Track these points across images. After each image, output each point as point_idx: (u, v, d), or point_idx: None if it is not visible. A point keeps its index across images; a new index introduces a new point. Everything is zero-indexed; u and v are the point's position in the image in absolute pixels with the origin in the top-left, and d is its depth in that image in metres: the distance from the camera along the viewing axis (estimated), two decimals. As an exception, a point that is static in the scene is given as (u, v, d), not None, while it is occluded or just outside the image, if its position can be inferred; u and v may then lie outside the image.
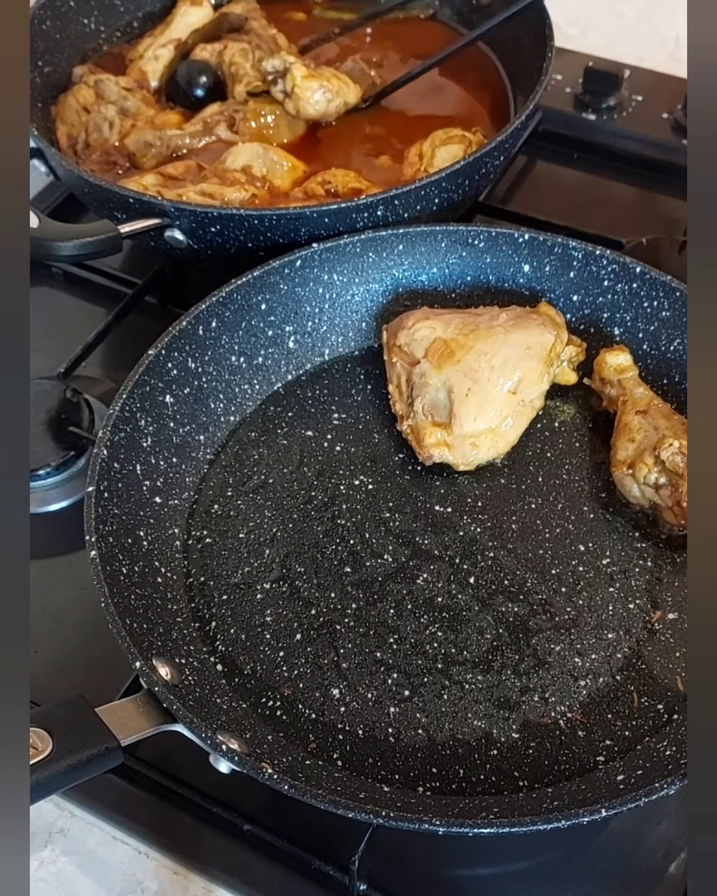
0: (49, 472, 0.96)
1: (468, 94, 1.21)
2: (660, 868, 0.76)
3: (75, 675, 0.86)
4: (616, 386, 0.92)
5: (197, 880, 0.78)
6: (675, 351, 0.93)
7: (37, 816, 0.81)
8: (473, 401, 0.88)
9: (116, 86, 1.17)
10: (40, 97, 1.17)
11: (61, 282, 1.18)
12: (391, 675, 0.79)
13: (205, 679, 0.78)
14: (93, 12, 1.24)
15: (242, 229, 0.95)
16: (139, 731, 0.67)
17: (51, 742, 0.63)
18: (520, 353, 0.89)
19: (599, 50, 1.37)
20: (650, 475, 0.84)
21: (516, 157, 1.26)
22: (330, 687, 0.79)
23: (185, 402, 0.91)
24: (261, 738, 0.75)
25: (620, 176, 1.27)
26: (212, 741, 0.66)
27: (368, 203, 0.95)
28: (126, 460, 0.84)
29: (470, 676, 0.79)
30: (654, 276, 0.92)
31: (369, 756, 0.75)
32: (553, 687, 0.78)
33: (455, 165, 0.97)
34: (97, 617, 0.72)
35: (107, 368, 1.09)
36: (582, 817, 0.63)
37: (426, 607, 0.83)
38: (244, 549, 0.87)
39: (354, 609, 0.83)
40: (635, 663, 0.79)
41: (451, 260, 1.00)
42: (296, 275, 0.96)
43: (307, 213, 0.94)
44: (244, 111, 1.14)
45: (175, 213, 0.95)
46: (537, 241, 0.97)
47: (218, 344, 0.93)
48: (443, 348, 0.91)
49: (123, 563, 0.79)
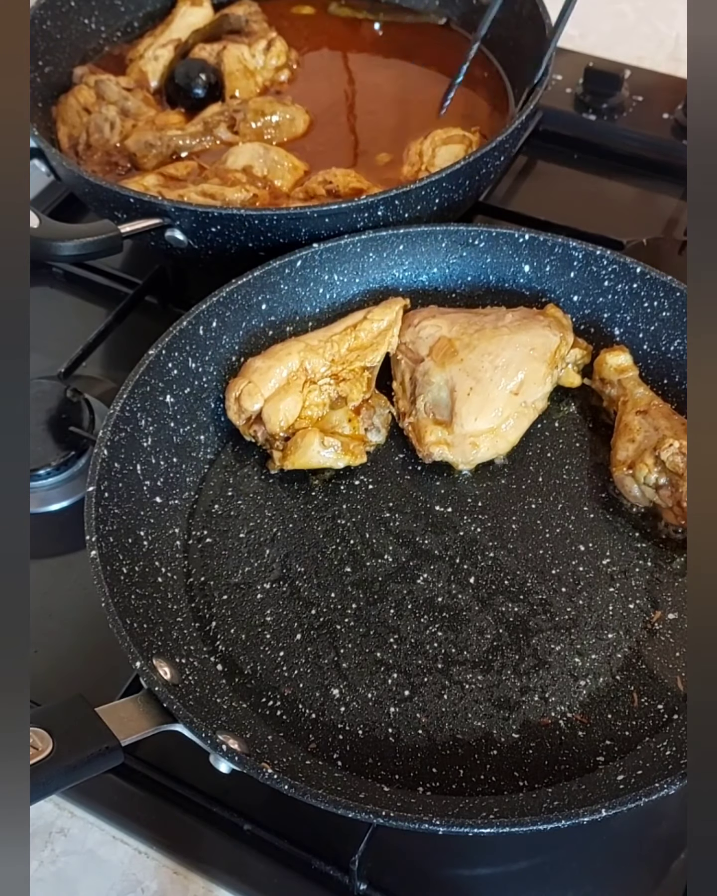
0: (49, 472, 0.96)
1: (469, 93, 1.21)
2: (660, 868, 0.76)
3: (75, 675, 0.86)
4: (617, 386, 0.92)
5: (197, 880, 0.78)
6: (675, 351, 0.93)
7: (37, 816, 0.81)
8: (474, 400, 0.88)
9: (117, 86, 1.17)
10: (41, 97, 1.17)
11: (61, 282, 1.18)
12: (391, 675, 0.79)
13: (205, 679, 0.78)
14: (93, 12, 1.24)
15: (243, 229, 0.95)
16: (139, 731, 0.67)
17: (51, 742, 0.63)
18: (524, 354, 0.89)
19: (599, 50, 1.37)
20: (650, 475, 0.84)
21: (517, 157, 1.26)
22: (330, 687, 0.79)
23: (185, 402, 0.91)
24: (261, 738, 0.75)
25: (620, 176, 1.27)
26: (212, 741, 0.66)
27: (368, 203, 0.95)
28: (126, 460, 0.84)
29: (470, 676, 0.79)
30: (654, 276, 0.92)
31: (369, 756, 0.75)
32: (553, 687, 0.78)
33: (456, 165, 0.97)
34: (97, 617, 0.72)
35: (107, 368, 1.09)
36: (582, 817, 0.63)
37: (426, 607, 0.83)
38: (244, 549, 0.87)
39: (354, 609, 0.83)
40: (635, 663, 0.79)
41: (451, 260, 1.00)
42: (296, 275, 0.96)
43: (308, 213, 0.94)
44: (245, 111, 1.14)
45: (175, 213, 0.95)
46: (537, 241, 0.97)
47: (218, 344, 0.93)
48: (447, 347, 0.91)
49: (123, 563, 0.79)
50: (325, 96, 1.21)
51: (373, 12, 1.30)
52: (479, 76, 1.22)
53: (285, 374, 0.90)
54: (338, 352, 0.92)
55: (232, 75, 1.18)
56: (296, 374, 0.90)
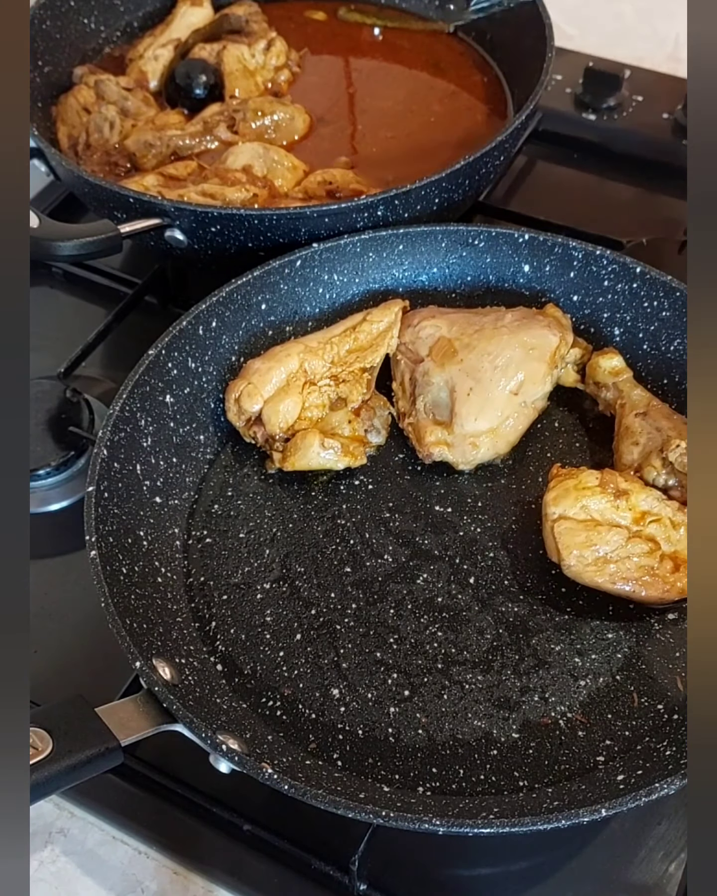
0: (49, 472, 0.96)
1: (469, 94, 1.21)
2: (660, 868, 0.76)
3: (75, 675, 0.86)
4: (612, 389, 0.92)
5: (197, 880, 0.78)
6: (675, 351, 0.93)
7: (37, 816, 0.81)
8: (474, 401, 0.88)
9: (117, 86, 1.17)
10: (40, 97, 1.17)
11: (61, 282, 1.18)
12: (391, 675, 0.79)
13: (205, 679, 0.78)
14: (93, 12, 1.24)
15: (243, 229, 0.95)
16: (139, 731, 0.67)
17: (51, 742, 0.63)
18: (523, 354, 0.89)
19: (599, 50, 1.37)
20: (658, 477, 0.84)
21: (517, 157, 1.26)
22: (330, 687, 0.79)
23: (185, 402, 0.91)
24: (261, 738, 0.75)
25: (620, 176, 1.27)
26: (212, 741, 0.66)
27: (368, 203, 0.95)
28: (126, 460, 0.84)
29: (470, 676, 0.79)
30: (654, 276, 0.92)
31: (369, 756, 0.75)
32: (553, 687, 0.78)
33: (455, 165, 0.97)
34: (97, 617, 0.72)
35: (107, 368, 1.09)
36: (582, 817, 0.63)
37: (426, 607, 0.83)
38: (244, 549, 0.87)
39: (354, 609, 0.83)
40: (635, 663, 0.79)
41: (451, 260, 1.00)
42: (296, 275, 0.96)
43: (307, 213, 0.94)
44: (244, 111, 1.14)
45: (175, 213, 0.95)
46: (537, 241, 0.97)
47: (218, 344, 0.93)
48: (447, 347, 0.91)
49: (123, 563, 0.79)
50: (326, 97, 1.21)
51: (381, 18, 1.31)
52: (479, 76, 1.22)
53: (285, 375, 0.90)
54: (337, 353, 0.92)
55: (232, 75, 1.18)
56: (295, 375, 0.90)
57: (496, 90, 1.22)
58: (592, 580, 0.79)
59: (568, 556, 0.79)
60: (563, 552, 0.79)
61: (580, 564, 0.79)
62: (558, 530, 0.80)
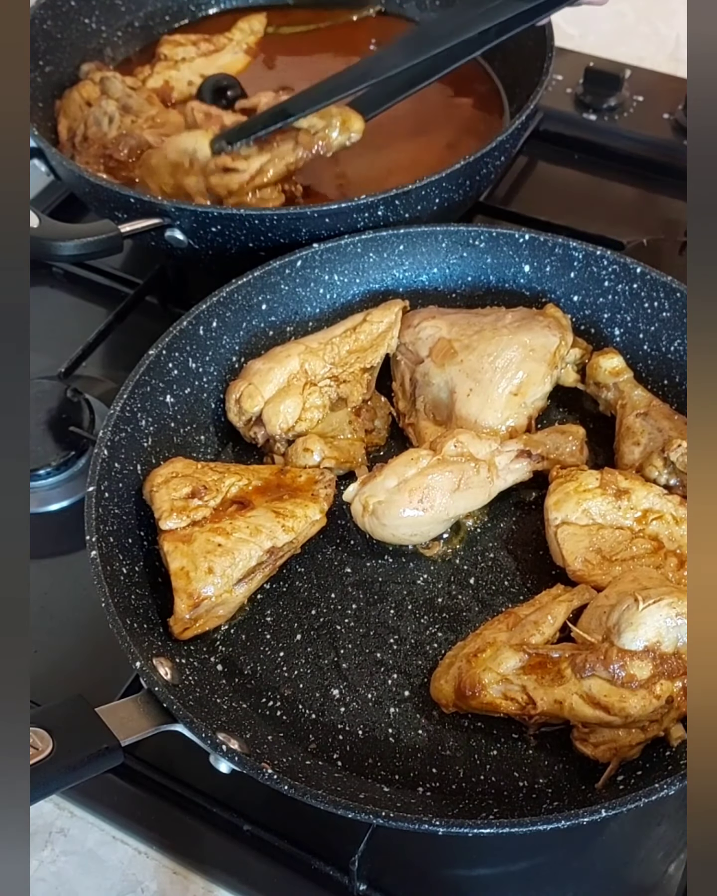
0: (49, 472, 0.96)
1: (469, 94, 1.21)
2: (660, 868, 0.76)
3: (75, 675, 0.86)
4: (613, 389, 0.91)
5: (197, 880, 0.78)
6: (675, 351, 0.93)
7: (37, 816, 0.81)
8: (474, 401, 0.88)
9: (122, 84, 1.17)
10: (41, 97, 1.17)
11: (61, 282, 1.18)
12: (391, 676, 0.79)
13: (205, 679, 0.78)
14: (94, 12, 1.24)
15: (243, 229, 0.95)
16: (139, 731, 0.67)
17: (51, 742, 0.63)
18: (523, 354, 0.89)
19: (599, 50, 1.37)
20: (660, 477, 0.84)
21: (517, 158, 1.26)
22: (330, 687, 0.79)
23: (185, 403, 0.91)
24: (261, 738, 0.75)
25: (620, 176, 1.27)
26: (212, 741, 0.66)
27: (368, 203, 0.95)
28: (126, 460, 0.84)
29: (470, 677, 0.79)
30: (655, 276, 0.92)
31: (369, 756, 0.75)
32: (553, 687, 0.78)
33: (455, 165, 0.97)
34: (97, 617, 0.72)
35: (107, 368, 1.09)
36: (582, 817, 0.63)
37: (426, 608, 0.83)
38: (244, 549, 0.87)
39: (354, 609, 0.83)
40: (635, 663, 0.79)
41: (451, 260, 1.00)
42: (297, 275, 0.96)
43: (308, 213, 0.94)
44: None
45: (176, 213, 0.95)
46: (537, 241, 0.97)
47: (219, 344, 0.93)
48: (447, 348, 0.91)
49: (123, 563, 0.79)
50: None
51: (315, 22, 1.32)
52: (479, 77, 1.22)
53: (285, 376, 0.90)
54: (338, 354, 0.92)
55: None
56: (296, 376, 0.90)
57: (496, 90, 1.22)
58: (597, 583, 0.79)
59: (573, 561, 0.79)
60: (567, 557, 0.79)
61: (586, 568, 0.79)
62: (561, 536, 0.80)
